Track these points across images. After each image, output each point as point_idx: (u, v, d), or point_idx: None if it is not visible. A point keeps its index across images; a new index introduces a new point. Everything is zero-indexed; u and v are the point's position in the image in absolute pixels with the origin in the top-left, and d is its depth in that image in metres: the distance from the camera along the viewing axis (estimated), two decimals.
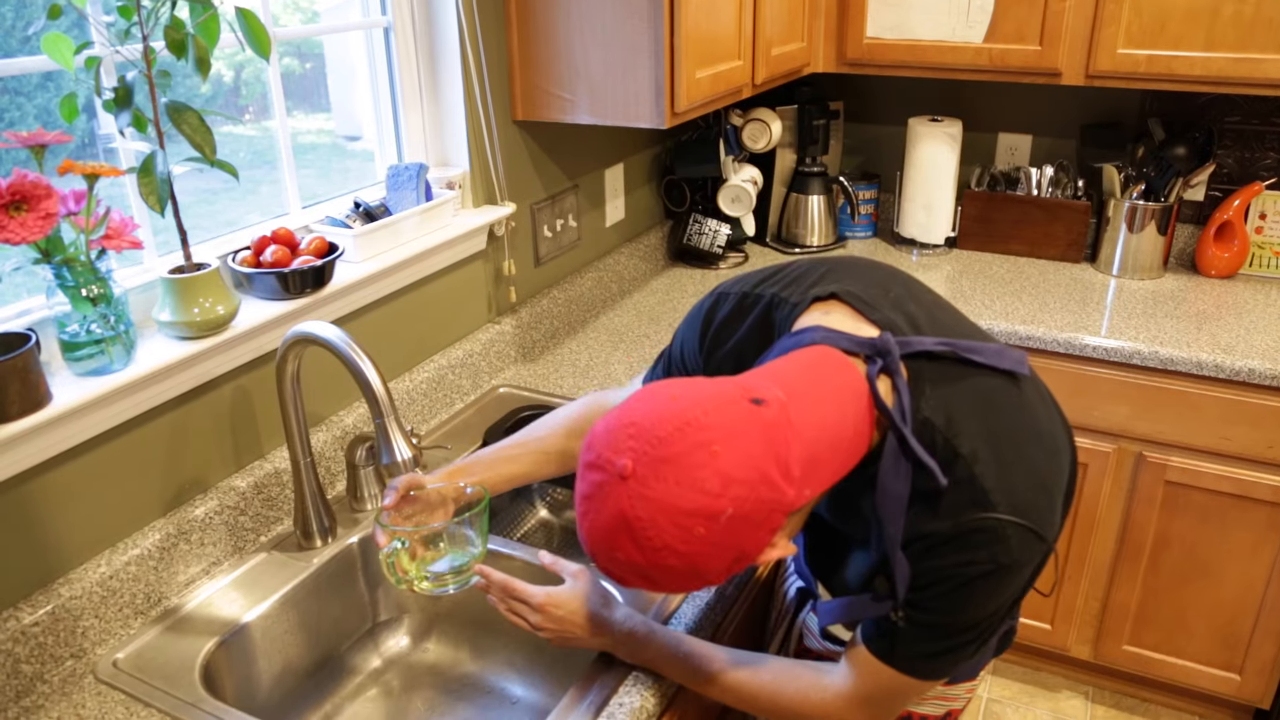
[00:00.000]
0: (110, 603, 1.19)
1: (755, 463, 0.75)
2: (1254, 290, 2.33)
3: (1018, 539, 0.85)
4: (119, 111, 1.13)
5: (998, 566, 0.85)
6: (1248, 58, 2.02)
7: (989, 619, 0.90)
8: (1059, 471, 0.90)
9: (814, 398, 0.82)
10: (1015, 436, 0.88)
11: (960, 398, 0.88)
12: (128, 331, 1.16)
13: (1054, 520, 0.88)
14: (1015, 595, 0.90)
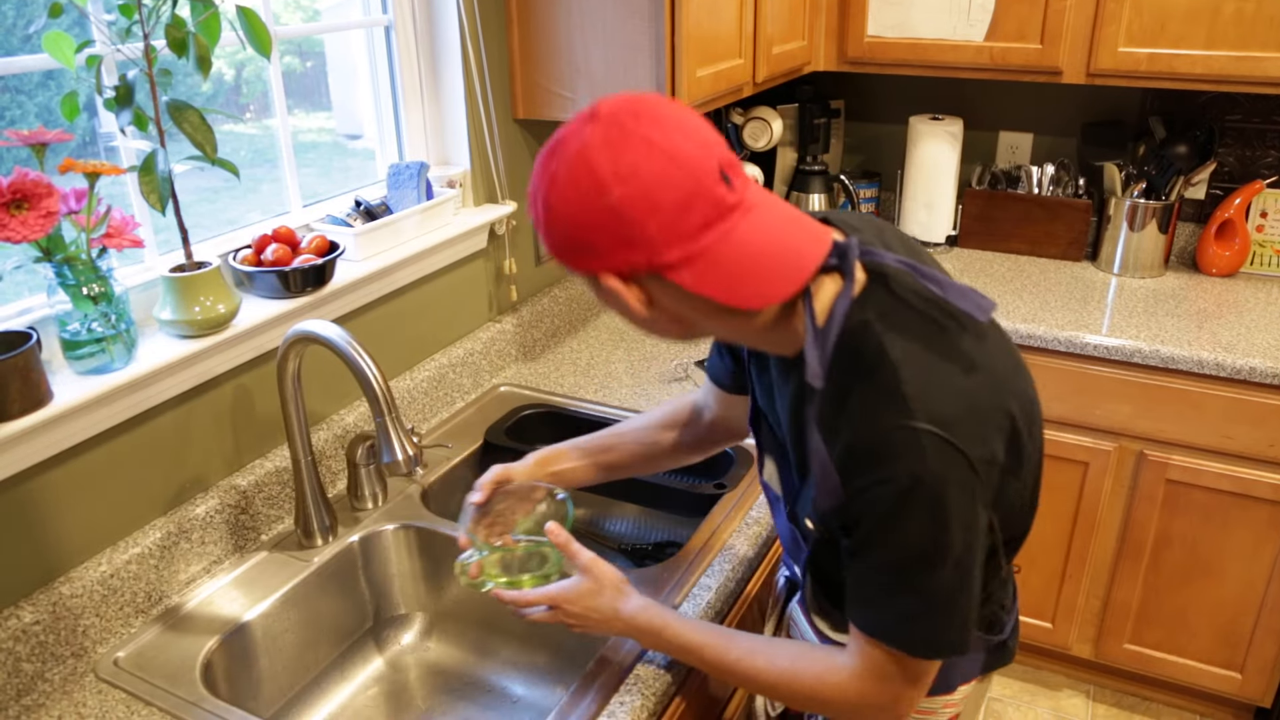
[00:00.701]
0: (111, 601, 1.19)
1: (668, 192, 0.79)
2: (1255, 289, 2.33)
3: (934, 450, 0.82)
4: (120, 110, 1.13)
5: (915, 481, 0.82)
6: (1249, 56, 2.02)
7: (939, 558, 0.85)
8: (998, 408, 0.86)
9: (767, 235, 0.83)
10: (951, 357, 0.86)
11: (906, 314, 0.88)
12: (129, 330, 1.16)
13: (983, 445, 0.84)
14: (958, 529, 0.85)
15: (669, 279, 0.83)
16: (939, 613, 0.89)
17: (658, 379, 1.86)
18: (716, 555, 1.32)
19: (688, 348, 2.00)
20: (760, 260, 0.82)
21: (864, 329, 0.87)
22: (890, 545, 0.87)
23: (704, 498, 1.47)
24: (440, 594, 1.45)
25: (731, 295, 0.82)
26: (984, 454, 0.84)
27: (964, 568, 0.88)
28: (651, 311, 0.89)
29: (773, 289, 0.82)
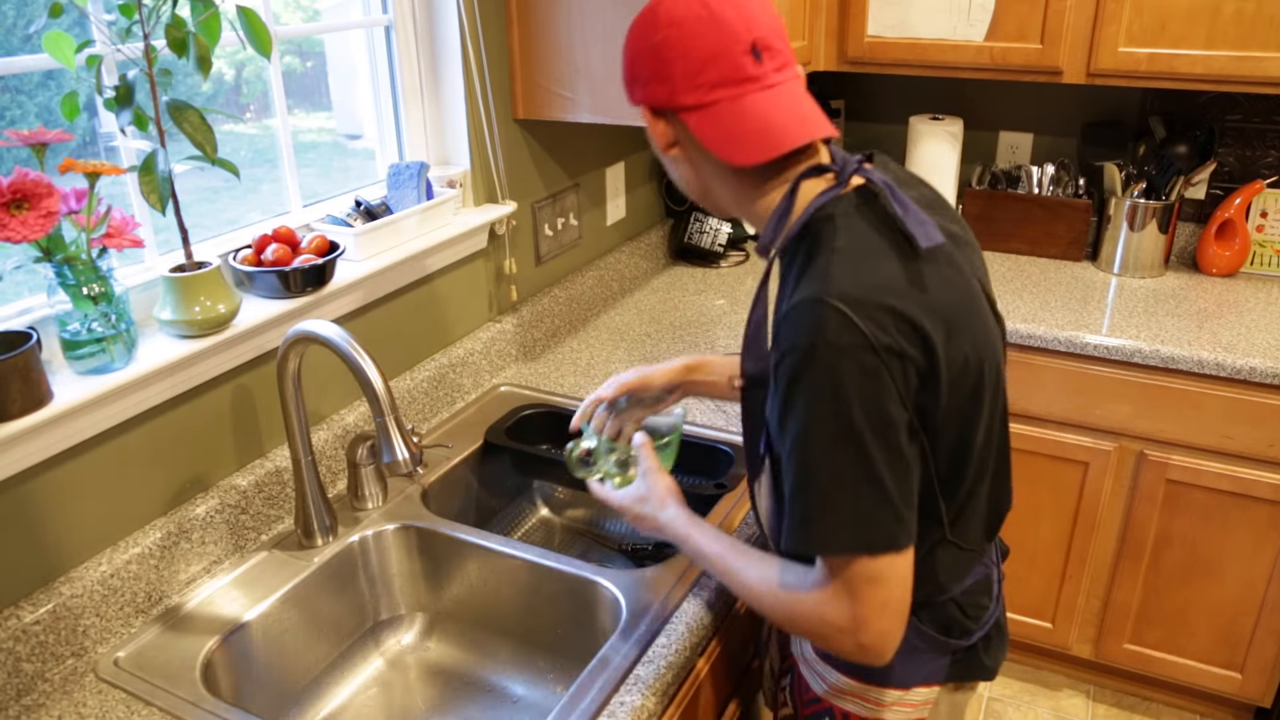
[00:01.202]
0: (111, 601, 1.19)
1: (698, 44, 0.94)
2: (1255, 289, 2.33)
3: (834, 322, 0.88)
4: (120, 110, 1.13)
5: (812, 348, 0.88)
6: (1249, 56, 2.02)
7: (843, 437, 0.88)
8: (908, 312, 0.90)
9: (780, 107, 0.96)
10: (883, 261, 0.92)
11: (867, 220, 0.95)
12: (129, 330, 1.16)
13: (885, 333, 0.88)
14: (859, 409, 0.88)
15: (682, 120, 0.98)
16: (851, 502, 0.90)
17: None
18: None
19: (689, 347, 2.00)
20: (754, 128, 0.94)
21: (828, 221, 0.96)
22: (796, 423, 0.90)
23: (704, 498, 1.47)
24: (440, 594, 1.45)
25: (720, 148, 0.95)
26: (887, 341, 0.88)
27: (872, 457, 0.89)
28: (673, 152, 1.03)
29: (750, 154, 0.94)
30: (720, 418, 1.70)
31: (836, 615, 0.94)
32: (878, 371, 0.88)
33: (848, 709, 1.15)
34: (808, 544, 0.93)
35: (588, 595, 1.30)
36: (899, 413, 0.90)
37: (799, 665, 1.21)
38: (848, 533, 0.91)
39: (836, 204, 0.96)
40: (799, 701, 1.22)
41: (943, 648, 1.11)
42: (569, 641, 1.36)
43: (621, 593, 1.24)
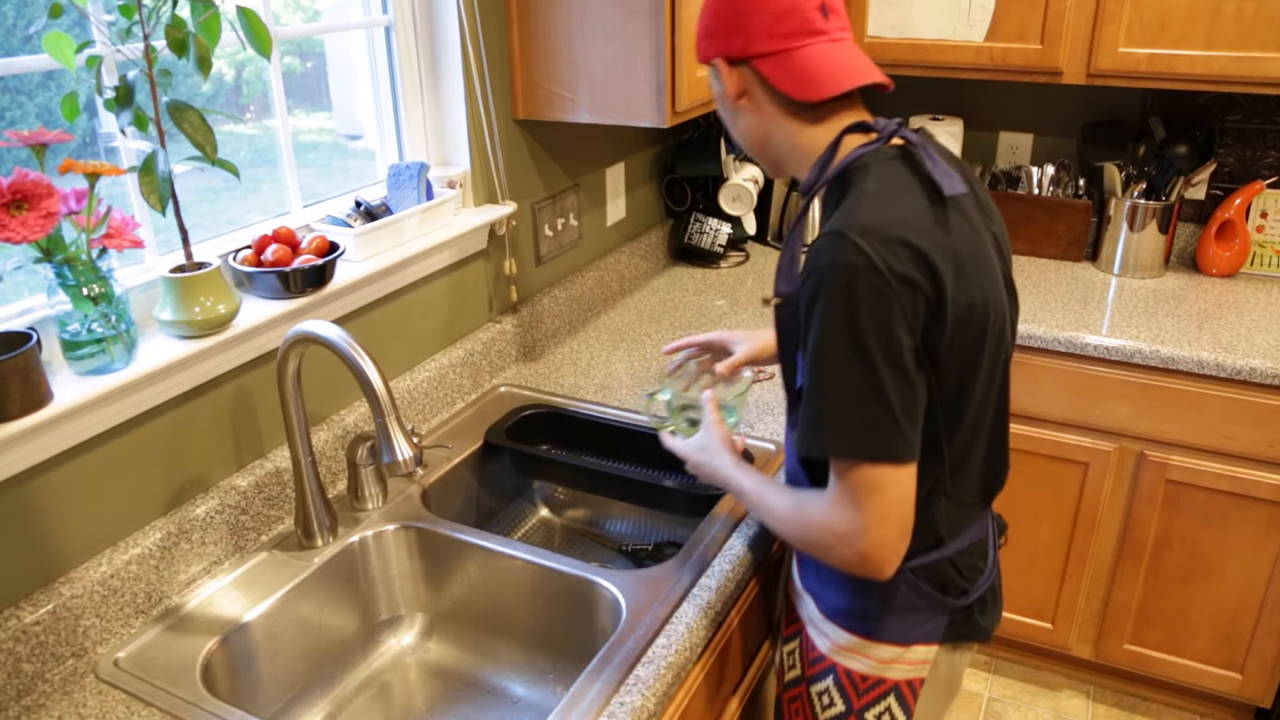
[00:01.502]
0: (111, 602, 1.19)
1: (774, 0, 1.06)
2: (1255, 289, 2.33)
3: (851, 250, 0.97)
4: (120, 110, 1.13)
5: (830, 269, 0.98)
6: (1249, 56, 2.02)
7: (854, 350, 0.97)
8: (922, 249, 0.99)
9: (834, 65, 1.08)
10: (904, 204, 1.02)
11: (897, 170, 1.06)
12: (129, 330, 1.16)
13: (898, 263, 0.97)
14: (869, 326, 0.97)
15: (756, 67, 1.09)
16: (858, 410, 0.99)
17: (658, 380, 1.86)
18: (716, 556, 1.32)
19: None
20: (825, 69, 1.07)
21: (862, 168, 1.06)
22: (814, 336, 1.00)
23: (704, 498, 1.47)
24: (440, 595, 1.45)
25: (795, 87, 1.07)
26: (900, 270, 0.97)
27: (878, 372, 0.98)
28: (742, 101, 1.13)
29: (821, 90, 1.06)
30: None
31: (840, 522, 1.03)
32: (887, 294, 0.97)
33: (850, 666, 1.21)
34: (816, 447, 1.02)
35: (588, 596, 1.30)
36: (906, 337, 0.98)
37: (806, 628, 1.27)
38: (852, 439, 1.00)
39: (873, 155, 1.07)
40: (805, 662, 1.28)
41: (940, 606, 1.17)
42: (569, 642, 1.36)
43: (621, 593, 1.24)
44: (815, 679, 1.26)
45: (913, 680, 1.21)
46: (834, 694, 1.24)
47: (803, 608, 1.29)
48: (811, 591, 1.26)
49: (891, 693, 1.21)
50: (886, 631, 1.18)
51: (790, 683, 1.32)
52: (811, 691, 1.27)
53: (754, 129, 1.15)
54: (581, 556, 1.57)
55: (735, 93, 1.12)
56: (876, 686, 1.21)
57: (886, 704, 1.21)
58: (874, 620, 1.18)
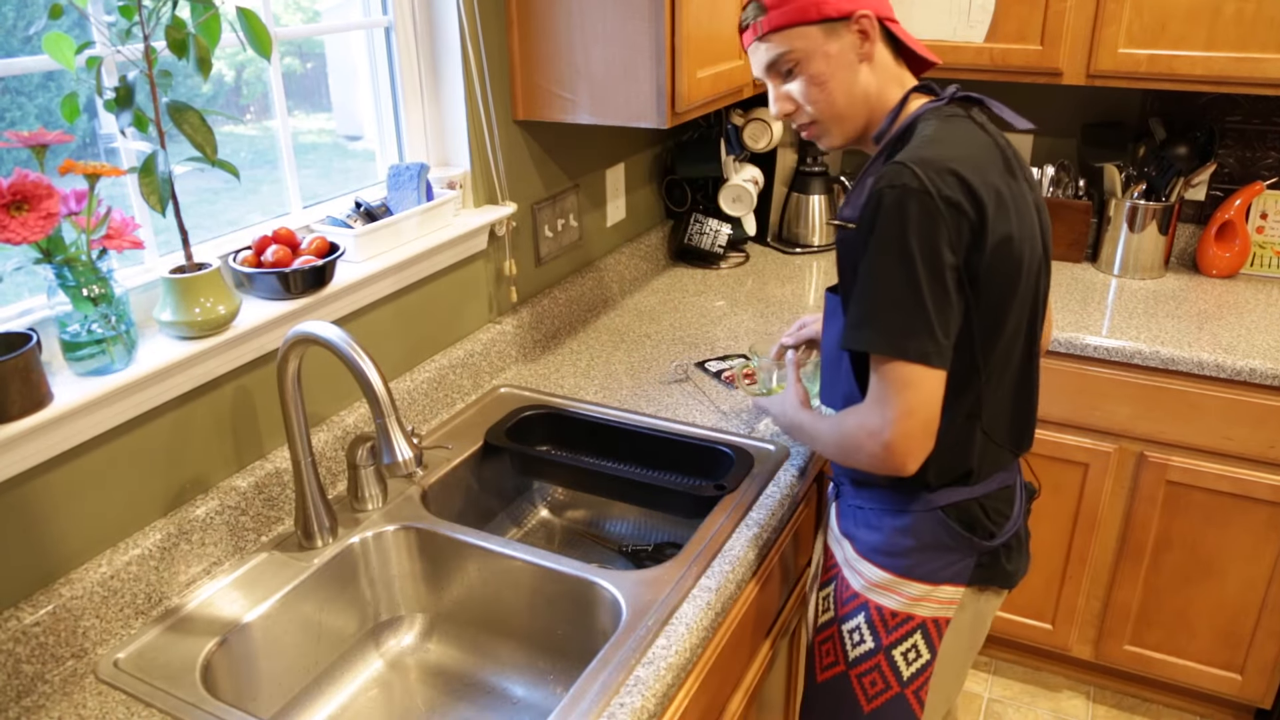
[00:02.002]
0: (111, 603, 1.19)
1: None
2: (1255, 290, 2.33)
3: (908, 174, 1.10)
4: (120, 111, 1.13)
5: (889, 188, 1.10)
6: (1249, 57, 2.02)
7: (902, 258, 1.09)
8: (971, 184, 1.12)
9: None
10: (960, 148, 1.15)
11: (959, 120, 1.20)
12: (129, 331, 1.16)
13: (948, 189, 1.10)
14: (916, 239, 1.09)
15: (888, 26, 1.23)
16: (899, 313, 1.10)
17: (658, 380, 1.86)
18: (716, 557, 1.32)
19: (689, 348, 2.00)
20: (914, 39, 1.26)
21: (925, 120, 1.19)
22: (869, 247, 1.12)
23: (704, 499, 1.47)
24: (441, 595, 1.45)
25: (918, 46, 1.25)
26: (947, 194, 1.10)
27: (920, 281, 1.09)
28: (870, 51, 1.22)
29: (929, 54, 1.27)
30: (720, 419, 1.70)
31: (871, 417, 1.14)
32: (935, 215, 1.09)
33: (881, 602, 1.30)
34: (857, 341, 1.13)
35: (588, 596, 1.30)
36: (948, 255, 1.10)
37: (841, 570, 1.37)
38: (890, 337, 1.11)
39: (935, 111, 1.20)
40: (838, 603, 1.37)
41: (968, 546, 1.27)
42: (569, 642, 1.36)
43: (621, 594, 1.24)
44: (847, 618, 1.34)
45: (939, 619, 1.29)
46: (864, 631, 1.32)
47: (839, 551, 1.39)
48: (849, 534, 1.36)
49: (919, 630, 1.29)
50: (917, 569, 1.27)
51: (823, 625, 1.40)
52: (843, 630, 1.35)
53: (869, 85, 1.24)
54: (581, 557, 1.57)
55: (869, 51, 1.22)
56: (905, 623, 1.29)
57: (913, 641, 1.30)
58: (906, 557, 1.28)
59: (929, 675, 1.32)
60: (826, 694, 1.38)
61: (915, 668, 1.31)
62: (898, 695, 1.32)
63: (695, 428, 1.67)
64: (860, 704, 1.34)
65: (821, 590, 1.43)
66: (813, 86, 1.24)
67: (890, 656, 1.31)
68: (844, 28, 1.20)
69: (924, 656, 1.30)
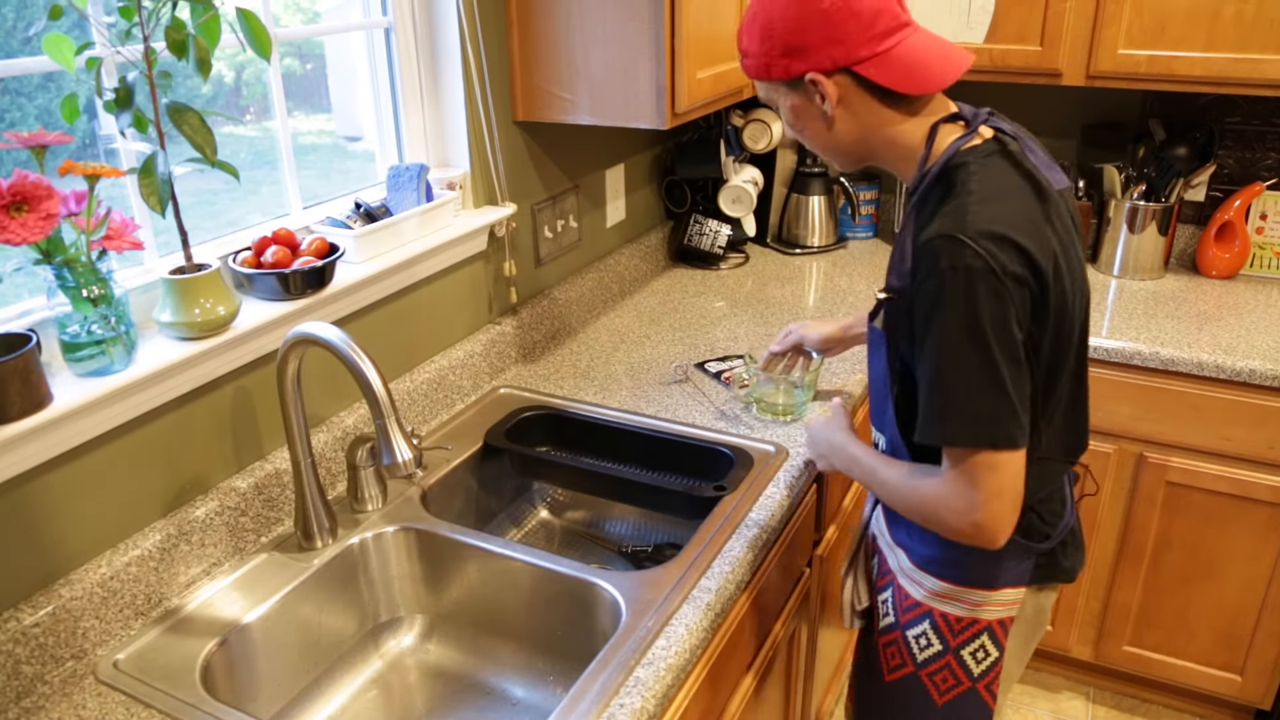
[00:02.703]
0: (111, 604, 1.19)
1: (864, 4, 1.09)
2: (1255, 291, 2.33)
3: (968, 253, 1.04)
4: (120, 112, 1.13)
5: (953, 271, 1.05)
6: (1248, 58, 2.02)
7: (975, 345, 1.05)
8: (1028, 250, 1.07)
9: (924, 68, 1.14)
10: (1012, 204, 1.09)
11: (999, 167, 1.12)
12: (128, 332, 1.16)
13: (1011, 264, 1.05)
14: (989, 323, 1.05)
15: (859, 72, 1.12)
16: (981, 402, 1.07)
17: (658, 381, 1.86)
18: (716, 558, 1.32)
19: (689, 349, 2.00)
20: (924, 62, 1.13)
21: (963, 167, 1.12)
22: (936, 334, 1.07)
23: (703, 500, 1.47)
24: (440, 596, 1.45)
25: (907, 84, 1.13)
26: (1012, 270, 1.05)
27: (999, 366, 1.06)
28: (839, 110, 1.16)
29: (933, 81, 1.13)
30: (720, 420, 1.70)
31: (957, 499, 1.12)
32: (1003, 294, 1.05)
33: (945, 610, 1.31)
34: (942, 437, 1.10)
35: (587, 597, 1.30)
36: (1018, 331, 1.07)
37: (897, 578, 1.37)
38: (977, 429, 1.08)
39: (971, 152, 1.13)
40: (899, 609, 1.37)
41: (1025, 551, 1.27)
42: (569, 643, 1.36)
43: (621, 595, 1.24)
44: (910, 624, 1.35)
45: (1004, 620, 1.30)
46: (930, 636, 1.33)
47: (892, 558, 1.39)
48: (903, 544, 1.35)
49: (985, 632, 1.31)
50: (977, 577, 1.28)
51: (885, 629, 1.41)
52: (907, 635, 1.36)
53: (848, 133, 1.19)
54: (581, 558, 1.57)
55: (835, 101, 1.15)
56: (971, 626, 1.31)
57: (981, 641, 1.32)
58: (965, 568, 1.28)
59: (998, 671, 1.35)
60: (897, 692, 1.41)
61: (985, 665, 1.34)
62: (970, 689, 1.36)
63: (695, 428, 1.67)
64: (933, 698, 1.37)
65: (880, 594, 1.43)
66: (793, 130, 1.24)
67: (959, 656, 1.33)
68: (801, 87, 1.16)
69: (992, 655, 1.33)
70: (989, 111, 1.19)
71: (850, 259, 2.63)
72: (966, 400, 1.08)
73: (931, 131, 1.16)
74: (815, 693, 1.99)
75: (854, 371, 1.88)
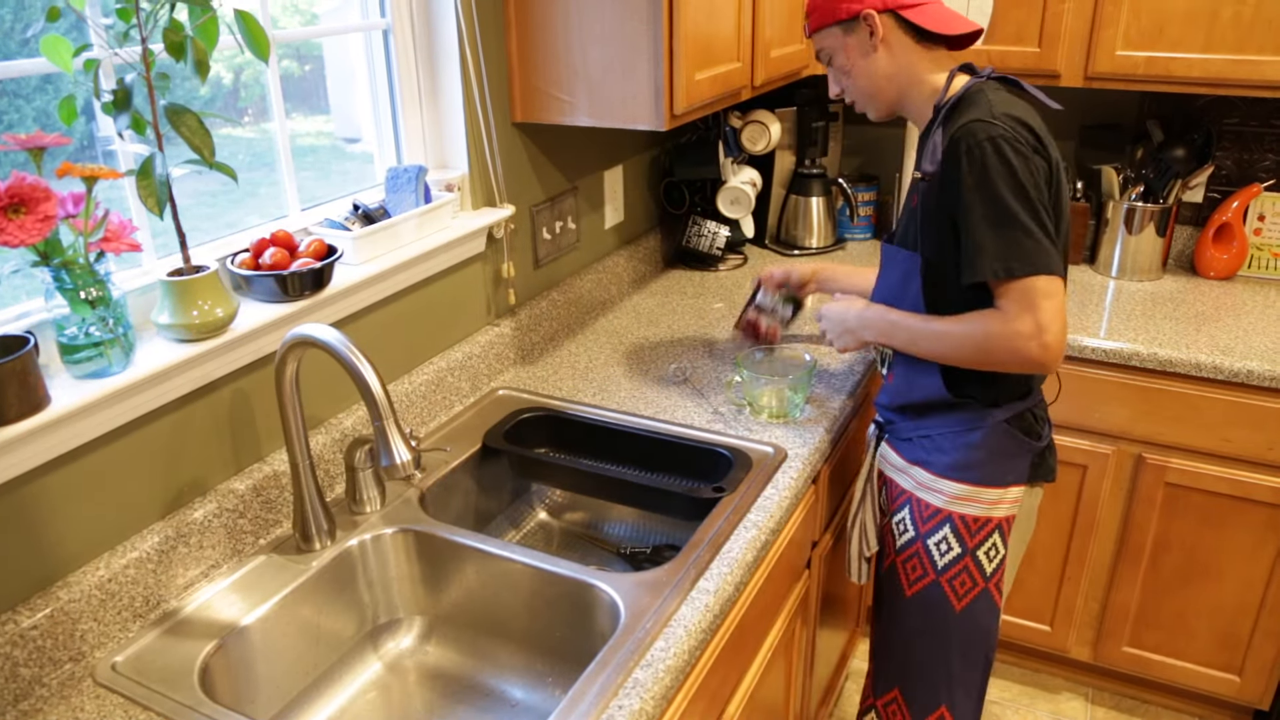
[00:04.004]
0: (109, 606, 1.18)
1: None
2: (1253, 292, 2.33)
3: (998, 125, 1.31)
4: (118, 114, 1.13)
5: (990, 139, 1.30)
6: (1246, 59, 2.02)
7: (1018, 193, 1.29)
8: (1043, 144, 1.35)
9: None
10: (1023, 113, 1.36)
11: (1007, 94, 1.40)
12: (126, 334, 1.16)
13: (1031, 137, 1.33)
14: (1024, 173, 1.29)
15: (904, 15, 1.42)
16: (1028, 240, 1.29)
17: (657, 381, 1.86)
18: (714, 560, 1.32)
19: (688, 350, 2.00)
20: (952, 15, 1.44)
21: (980, 90, 1.39)
22: (982, 187, 1.31)
23: (702, 501, 1.47)
24: (439, 598, 1.45)
25: (940, 25, 1.42)
26: (1031, 142, 1.32)
27: (1038, 211, 1.30)
28: (882, 47, 1.44)
29: (959, 27, 1.43)
30: (719, 421, 1.70)
31: (1024, 324, 1.31)
32: (1030, 158, 1.31)
33: (964, 512, 1.50)
34: (1003, 269, 1.30)
35: (586, 599, 1.30)
36: (1045, 190, 1.33)
37: (915, 494, 1.56)
38: (1032, 259, 1.29)
39: (984, 84, 1.41)
40: (918, 520, 1.55)
41: (1025, 449, 1.49)
42: (568, 645, 1.36)
43: (620, 596, 1.24)
44: (931, 532, 1.54)
45: (1009, 517, 1.51)
46: (950, 540, 1.52)
47: (905, 479, 1.58)
48: (920, 460, 1.54)
49: (996, 530, 1.51)
50: (990, 477, 1.48)
51: (903, 545, 1.58)
52: (928, 544, 1.54)
53: (885, 70, 1.46)
54: (580, 559, 1.57)
55: (880, 39, 1.43)
56: (985, 525, 1.50)
57: (993, 540, 1.51)
58: (980, 468, 1.48)
59: (1004, 568, 1.55)
60: (917, 605, 1.58)
61: (995, 563, 1.53)
62: (983, 590, 1.53)
63: (693, 429, 1.67)
64: (952, 604, 1.54)
65: (895, 516, 1.60)
66: (843, 74, 1.51)
67: (975, 557, 1.52)
68: (857, 25, 1.44)
69: (1001, 551, 1.52)
70: (991, 69, 1.47)
71: (849, 260, 2.63)
72: (1018, 236, 1.29)
73: (950, 76, 1.45)
74: (815, 693, 1.99)
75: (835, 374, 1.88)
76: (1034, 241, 1.29)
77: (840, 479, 1.88)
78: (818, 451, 1.62)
